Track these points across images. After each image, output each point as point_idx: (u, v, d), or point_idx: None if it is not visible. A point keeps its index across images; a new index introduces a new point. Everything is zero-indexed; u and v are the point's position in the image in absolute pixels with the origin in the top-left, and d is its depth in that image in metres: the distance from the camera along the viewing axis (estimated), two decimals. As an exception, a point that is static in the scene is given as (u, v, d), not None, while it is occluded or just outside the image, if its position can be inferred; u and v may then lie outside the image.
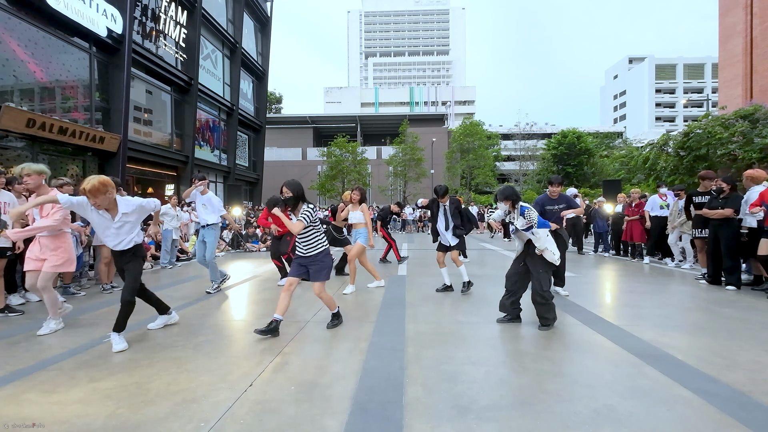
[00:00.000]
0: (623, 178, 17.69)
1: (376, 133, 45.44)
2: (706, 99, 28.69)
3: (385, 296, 5.08)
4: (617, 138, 43.47)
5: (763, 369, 2.69)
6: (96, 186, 3.02)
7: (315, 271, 3.61)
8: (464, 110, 65.19)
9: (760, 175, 5.40)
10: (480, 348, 3.15)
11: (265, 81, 22.99)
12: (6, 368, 2.81)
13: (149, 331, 3.66)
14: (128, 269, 3.34)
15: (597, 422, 2.03)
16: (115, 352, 3.10)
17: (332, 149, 28.75)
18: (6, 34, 8.82)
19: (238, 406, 2.23)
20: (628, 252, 8.91)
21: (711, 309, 4.34)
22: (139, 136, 13.16)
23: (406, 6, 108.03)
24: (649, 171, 15.39)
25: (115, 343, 3.16)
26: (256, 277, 6.81)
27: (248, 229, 12.08)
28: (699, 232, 6.12)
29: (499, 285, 5.77)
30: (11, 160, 9.09)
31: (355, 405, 2.22)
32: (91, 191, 3.02)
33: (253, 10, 21.18)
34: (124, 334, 3.26)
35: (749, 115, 12.19)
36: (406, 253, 9.37)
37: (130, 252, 3.36)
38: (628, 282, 6.09)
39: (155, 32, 13.64)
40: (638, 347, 3.11)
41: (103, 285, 5.59)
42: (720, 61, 16.99)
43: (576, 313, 4.17)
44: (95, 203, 3.10)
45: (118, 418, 2.10)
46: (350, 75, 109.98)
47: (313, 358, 2.98)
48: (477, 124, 35.07)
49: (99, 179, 3.07)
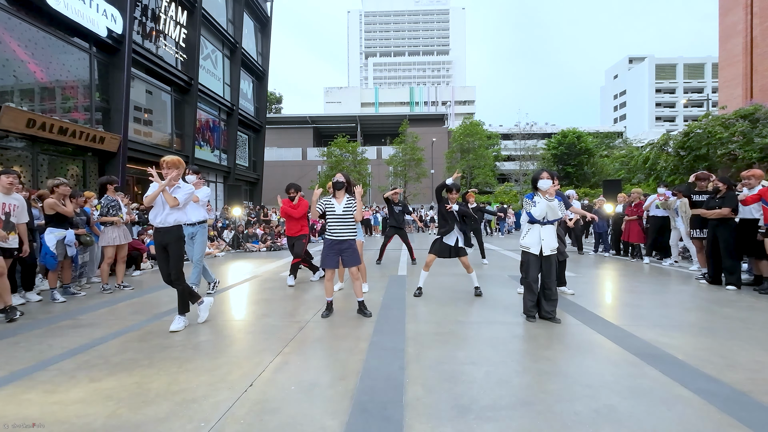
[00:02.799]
0: (623, 178, 17.71)
1: (376, 133, 45.43)
2: (706, 99, 28.66)
3: (385, 296, 5.08)
4: (617, 138, 43.41)
5: (763, 369, 2.69)
6: (174, 161, 3.72)
7: (349, 255, 4.01)
8: (464, 110, 65.19)
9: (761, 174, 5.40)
10: (480, 348, 3.15)
11: (265, 81, 22.99)
12: (6, 368, 2.81)
13: (149, 331, 3.66)
14: (172, 249, 3.68)
15: (597, 422, 2.03)
16: (171, 331, 3.56)
17: (332, 149, 28.74)
18: (6, 34, 8.82)
19: (239, 406, 2.23)
20: (629, 252, 8.92)
21: (711, 309, 4.34)
22: (139, 136, 13.16)
23: (406, 6, 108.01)
24: (650, 171, 15.40)
25: (175, 322, 3.66)
26: (256, 277, 6.80)
27: (248, 229, 12.08)
28: (697, 233, 6.13)
29: (499, 285, 5.78)
30: (11, 160, 9.09)
31: (355, 405, 2.22)
32: (169, 163, 3.67)
33: (253, 10, 21.19)
34: (125, 332, 3.27)
35: (749, 114, 12.19)
36: (404, 255, 9.35)
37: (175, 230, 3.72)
38: (629, 282, 6.09)
39: (155, 32, 13.64)
40: (638, 347, 3.11)
41: (104, 285, 5.59)
42: (720, 60, 16.99)
43: (576, 313, 4.17)
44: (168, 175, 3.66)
45: (119, 418, 2.10)
46: (350, 75, 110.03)
47: (313, 358, 2.98)
48: (477, 124, 35.04)
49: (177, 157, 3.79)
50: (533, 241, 3.92)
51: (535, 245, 3.90)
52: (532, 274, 3.90)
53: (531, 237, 3.96)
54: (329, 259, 3.99)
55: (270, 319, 4.06)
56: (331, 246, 4.01)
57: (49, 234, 5.00)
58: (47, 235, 4.99)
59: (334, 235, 4.02)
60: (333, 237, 4.02)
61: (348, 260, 4.01)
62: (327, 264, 4.01)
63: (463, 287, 5.46)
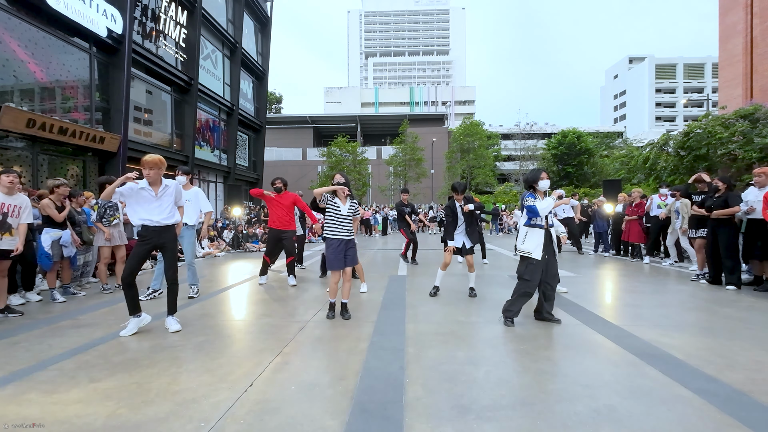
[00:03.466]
0: (623, 177, 17.70)
1: (376, 133, 45.43)
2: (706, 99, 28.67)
3: (385, 296, 5.08)
4: (617, 138, 43.44)
5: (763, 369, 2.69)
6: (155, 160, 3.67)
7: (352, 255, 4.11)
8: (464, 110, 65.18)
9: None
10: (480, 348, 3.15)
11: (265, 81, 22.98)
12: (6, 368, 2.81)
13: (149, 331, 3.66)
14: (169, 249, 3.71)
15: (597, 422, 2.03)
16: (173, 331, 3.58)
17: (332, 149, 28.74)
18: (6, 34, 8.82)
19: (239, 406, 2.23)
20: (629, 252, 8.91)
21: (711, 309, 4.34)
22: (139, 136, 13.15)
23: (406, 6, 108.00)
24: (650, 171, 15.39)
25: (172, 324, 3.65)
26: (256, 277, 6.80)
27: (248, 229, 12.08)
28: (693, 232, 6.13)
29: (498, 285, 5.77)
30: (11, 160, 9.09)
31: (356, 405, 2.22)
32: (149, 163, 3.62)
33: (253, 10, 21.18)
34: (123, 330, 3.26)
35: (749, 114, 12.18)
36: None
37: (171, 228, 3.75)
38: (628, 282, 6.09)
39: (155, 32, 13.63)
40: (638, 347, 3.11)
41: (103, 285, 5.59)
42: (720, 60, 16.98)
43: (576, 313, 4.17)
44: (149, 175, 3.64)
45: (119, 418, 2.10)
46: (350, 75, 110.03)
47: (313, 358, 2.98)
48: (477, 124, 35.05)
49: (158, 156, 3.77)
50: (534, 246, 3.71)
51: (536, 250, 3.69)
52: (536, 279, 3.71)
53: (531, 241, 3.74)
54: (338, 261, 4.00)
55: (270, 319, 4.06)
56: (338, 246, 4.02)
57: (44, 234, 4.99)
58: (43, 236, 4.98)
59: (343, 235, 4.07)
60: (342, 236, 4.06)
61: (351, 259, 4.08)
62: (335, 266, 4.01)
63: (463, 287, 5.46)
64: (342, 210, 4.10)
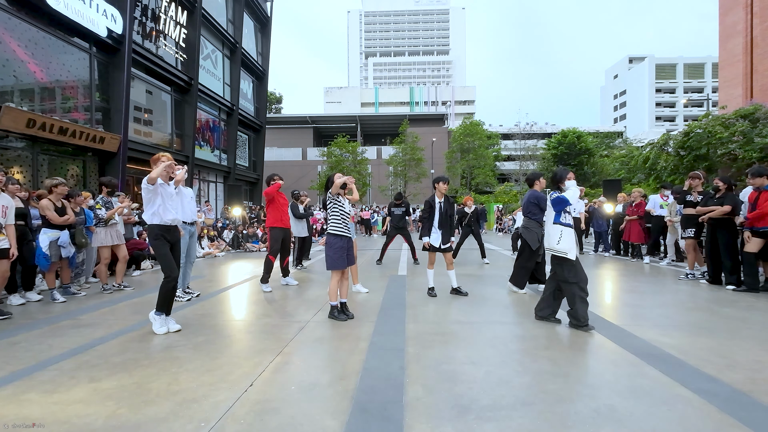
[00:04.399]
0: (623, 177, 17.69)
1: (376, 133, 45.42)
2: (706, 98, 28.65)
3: (385, 296, 5.08)
4: (617, 138, 43.42)
5: (763, 369, 2.69)
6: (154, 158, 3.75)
7: (352, 254, 4.17)
8: (464, 110, 65.16)
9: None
10: (480, 348, 3.15)
11: (265, 81, 22.98)
12: (6, 368, 2.81)
13: (149, 331, 3.65)
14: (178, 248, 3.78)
15: (597, 422, 2.03)
16: (173, 331, 3.55)
17: (332, 149, 28.74)
18: (6, 34, 8.82)
19: (239, 406, 2.23)
20: (629, 252, 8.91)
21: (711, 309, 4.34)
22: (139, 136, 13.16)
23: (406, 6, 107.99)
24: (650, 171, 15.37)
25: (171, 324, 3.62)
26: (256, 277, 6.80)
27: (248, 228, 12.08)
28: (687, 232, 6.14)
29: (499, 285, 5.77)
30: (11, 160, 9.09)
31: (356, 405, 2.22)
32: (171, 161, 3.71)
33: (253, 10, 21.18)
34: (125, 332, 3.27)
35: (749, 114, 12.16)
36: (404, 255, 9.36)
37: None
38: (628, 282, 6.09)
39: (155, 32, 13.63)
40: (638, 347, 3.11)
41: (104, 285, 5.59)
42: (720, 60, 16.96)
43: (576, 312, 4.17)
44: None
45: (119, 418, 2.10)
46: (350, 75, 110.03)
47: (313, 358, 2.98)
48: (477, 123, 35.07)
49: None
50: (570, 246, 3.58)
51: (572, 250, 3.57)
52: (582, 277, 3.58)
53: (567, 241, 3.60)
54: (342, 260, 4.00)
55: (270, 319, 4.06)
56: (343, 245, 4.03)
57: (42, 235, 4.95)
58: (41, 236, 4.95)
59: (349, 233, 4.12)
60: (349, 234, 4.11)
61: (352, 258, 4.17)
62: (340, 265, 3.99)
63: (463, 288, 5.45)
64: (346, 207, 4.15)
